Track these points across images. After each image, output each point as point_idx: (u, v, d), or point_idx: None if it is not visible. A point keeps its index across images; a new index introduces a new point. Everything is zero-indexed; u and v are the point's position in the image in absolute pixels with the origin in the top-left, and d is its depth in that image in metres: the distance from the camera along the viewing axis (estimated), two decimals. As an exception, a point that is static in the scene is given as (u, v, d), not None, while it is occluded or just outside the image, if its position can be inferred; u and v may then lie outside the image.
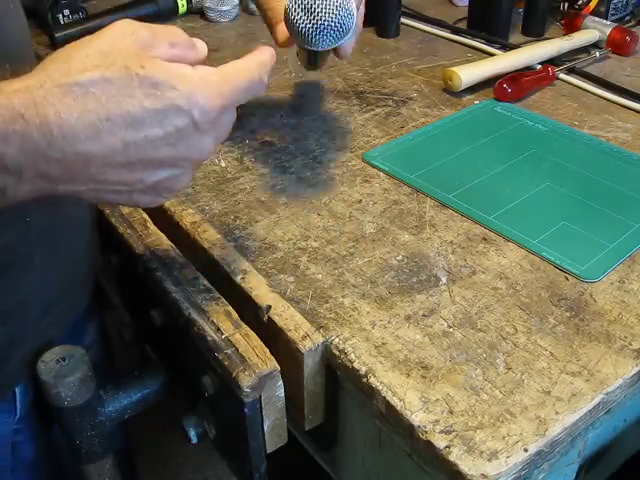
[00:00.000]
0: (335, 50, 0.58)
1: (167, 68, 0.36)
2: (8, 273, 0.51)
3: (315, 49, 0.55)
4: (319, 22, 0.53)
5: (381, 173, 0.66)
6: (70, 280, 0.59)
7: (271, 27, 0.62)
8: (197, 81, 0.37)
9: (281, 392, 0.48)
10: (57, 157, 0.34)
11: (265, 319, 0.49)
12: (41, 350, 0.52)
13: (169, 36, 0.39)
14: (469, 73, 0.79)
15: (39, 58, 0.90)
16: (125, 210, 0.60)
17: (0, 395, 0.56)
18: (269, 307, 0.49)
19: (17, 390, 0.57)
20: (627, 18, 1.01)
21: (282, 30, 0.58)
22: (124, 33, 0.37)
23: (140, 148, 0.36)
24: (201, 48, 0.41)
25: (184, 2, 0.99)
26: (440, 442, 0.41)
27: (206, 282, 0.53)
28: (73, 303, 0.61)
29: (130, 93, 0.35)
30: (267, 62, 0.42)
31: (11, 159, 0.34)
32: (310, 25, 0.53)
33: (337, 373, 0.48)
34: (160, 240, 0.57)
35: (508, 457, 0.40)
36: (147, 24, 0.38)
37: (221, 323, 0.49)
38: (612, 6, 0.97)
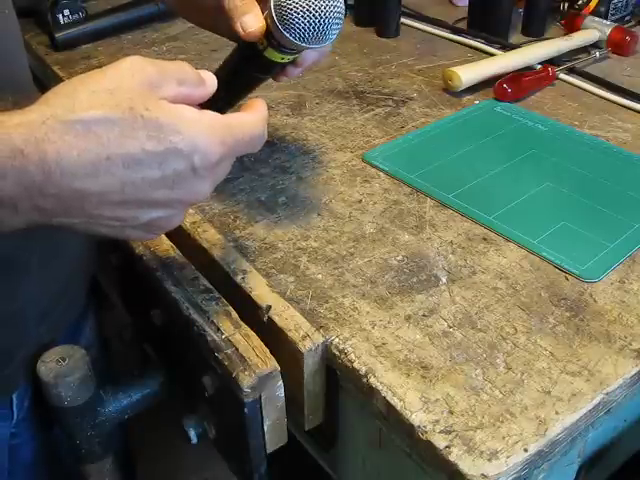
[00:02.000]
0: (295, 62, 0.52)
1: (172, 111, 0.36)
2: (6, 280, 0.51)
3: (296, 43, 0.47)
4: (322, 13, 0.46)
5: (381, 173, 0.66)
6: (67, 284, 0.59)
7: (235, 16, 0.51)
8: (201, 126, 0.37)
9: (281, 392, 0.48)
10: (53, 192, 0.34)
11: (265, 319, 0.49)
12: (38, 354, 0.52)
13: (177, 73, 0.38)
14: (469, 73, 0.79)
15: (39, 60, 0.89)
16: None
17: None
18: (269, 307, 0.49)
19: (14, 395, 0.56)
20: (627, 18, 1.01)
21: (254, 18, 0.49)
22: (132, 71, 0.36)
23: (137, 188, 0.36)
24: (209, 83, 0.41)
25: (184, 2, 0.99)
26: (440, 442, 0.41)
27: (206, 282, 0.53)
28: (70, 306, 0.61)
29: (133, 135, 0.35)
30: (267, 116, 0.43)
31: (7, 193, 0.33)
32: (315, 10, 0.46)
33: (337, 373, 0.48)
34: (160, 240, 0.57)
35: (508, 457, 0.40)
36: (156, 61, 0.38)
37: (221, 323, 0.49)
38: (612, 6, 0.97)
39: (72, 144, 0.34)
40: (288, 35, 0.47)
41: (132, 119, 0.35)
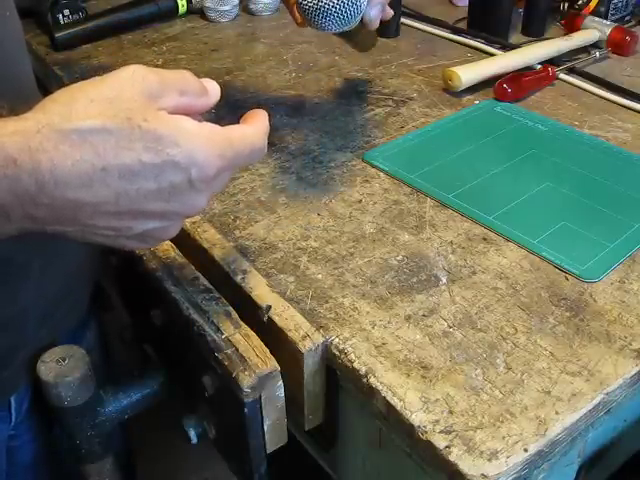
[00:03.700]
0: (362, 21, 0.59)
1: (171, 122, 0.35)
2: (6, 283, 0.50)
3: (321, 31, 0.57)
4: (322, 4, 0.55)
5: (381, 173, 0.66)
6: (69, 288, 0.59)
7: (289, 6, 0.62)
8: (201, 139, 0.36)
9: (281, 392, 0.48)
10: (46, 202, 0.34)
11: (265, 319, 0.49)
12: (38, 356, 0.52)
13: (178, 83, 0.37)
14: (469, 73, 0.79)
15: (39, 60, 0.89)
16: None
17: None
18: (269, 307, 0.49)
19: (12, 397, 0.56)
20: (627, 18, 1.01)
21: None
22: (133, 80, 0.36)
23: (132, 199, 0.35)
24: (213, 93, 0.40)
25: (184, 2, 0.99)
26: (440, 442, 0.41)
27: (206, 282, 0.53)
28: (72, 311, 0.61)
29: (129, 146, 0.34)
30: (268, 128, 0.42)
31: None
32: (313, 5, 0.55)
33: (337, 373, 0.48)
34: (160, 240, 0.57)
35: (508, 457, 0.40)
36: (158, 70, 0.37)
37: (221, 323, 0.49)
38: (612, 6, 0.97)
39: (67, 154, 0.33)
40: (322, 30, 0.57)
41: (129, 130, 0.34)
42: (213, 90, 0.40)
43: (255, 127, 0.41)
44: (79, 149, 0.33)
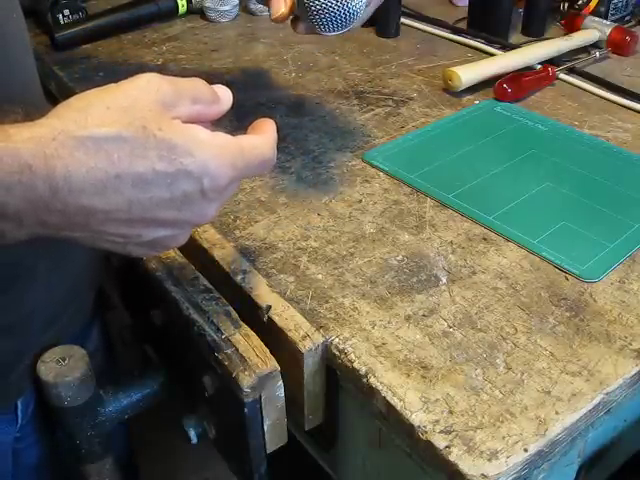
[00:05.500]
0: None
1: (185, 132, 0.36)
2: (13, 286, 0.50)
3: (319, 33, 0.56)
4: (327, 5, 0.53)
5: (381, 173, 0.66)
6: (74, 291, 0.59)
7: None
8: (213, 149, 0.37)
9: (281, 392, 0.48)
10: (60, 208, 0.34)
11: (265, 319, 0.49)
12: None
13: (192, 92, 0.38)
14: (469, 73, 0.79)
15: (39, 60, 0.89)
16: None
17: (4, 405, 0.55)
18: (269, 307, 0.49)
19: (19, 401, 0.56)
20: (627, 18, 1.01)
21: (279, 3, 0.54)
22: (148, 89, 0.36)
23: (144, 208, 0.36)
24: (225, 101, 0.40)
25: (184, 2, 0.99)
26: (440, 442, 0.41)
27: (206, 282, 0.53)
28: (77, 314, 0.61)
29: (144, 154, 0.34)
30: (276, 138, 0.42)
31: (13, 208, 0.33)
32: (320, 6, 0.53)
33: (337, 373, 0.48)
34: (160, 240, 0.57)
35: (508, 457, 0.40)
36: (171, 78, 0.37)
37: (221, 323, 0.49)
38: (612, 6, 0.97)
39: (82, 161, 0.33)
40: (321, 32, 0.55)
41: (144, 138, 0.34)
42: (225, 97, 0.40)
43: (264, 137, 0.41)
44: (94, 156, 0.33)
